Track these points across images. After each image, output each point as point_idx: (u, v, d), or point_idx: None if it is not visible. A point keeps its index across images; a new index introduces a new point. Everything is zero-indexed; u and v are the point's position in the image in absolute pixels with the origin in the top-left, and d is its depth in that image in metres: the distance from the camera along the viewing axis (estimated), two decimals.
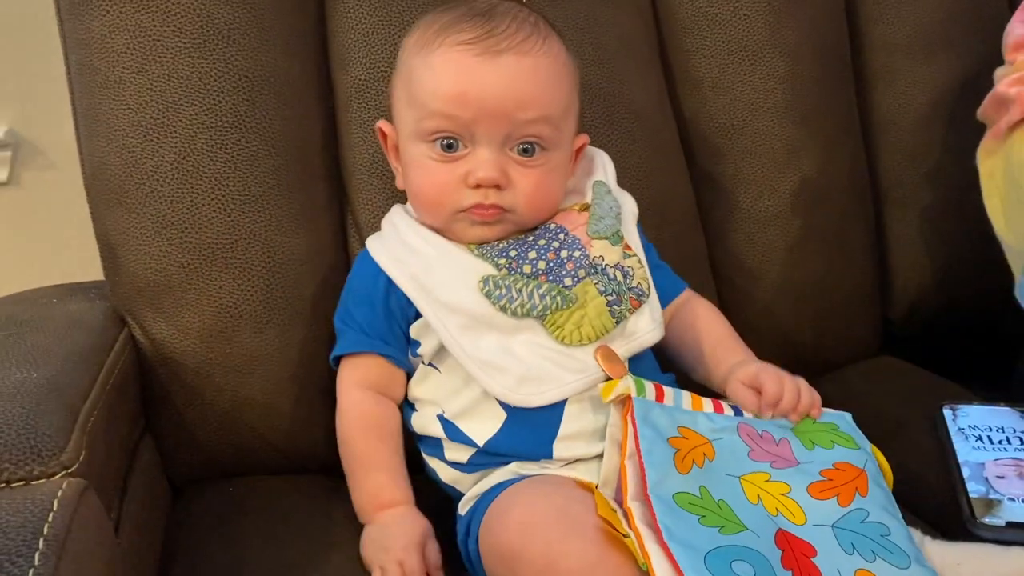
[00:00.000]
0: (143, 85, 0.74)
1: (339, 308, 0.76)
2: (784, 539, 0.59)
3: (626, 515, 0.58)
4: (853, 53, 0.97)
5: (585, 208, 0.74)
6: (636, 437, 0.62)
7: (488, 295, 0.68)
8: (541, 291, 0.68)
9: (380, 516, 0.68)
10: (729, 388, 0.71)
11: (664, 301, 0.77)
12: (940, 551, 0.64)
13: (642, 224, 0.79)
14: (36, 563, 0.45)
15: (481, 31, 0.69)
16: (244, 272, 0.76)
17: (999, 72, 0.84)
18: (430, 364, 0.72)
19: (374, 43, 0.81)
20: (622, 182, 0.80)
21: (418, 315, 0.71)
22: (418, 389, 0.73)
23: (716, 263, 0.92)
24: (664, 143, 0.90)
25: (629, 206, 0.77)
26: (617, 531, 0.57)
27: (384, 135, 0.76)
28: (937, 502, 0.72)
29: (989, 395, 0.84)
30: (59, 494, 0.50)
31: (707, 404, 0.68)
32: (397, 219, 0.75)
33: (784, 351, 0.91)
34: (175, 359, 0.76)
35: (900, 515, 0.63)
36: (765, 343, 0.92)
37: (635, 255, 0.73)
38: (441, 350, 0.70)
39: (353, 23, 0.82)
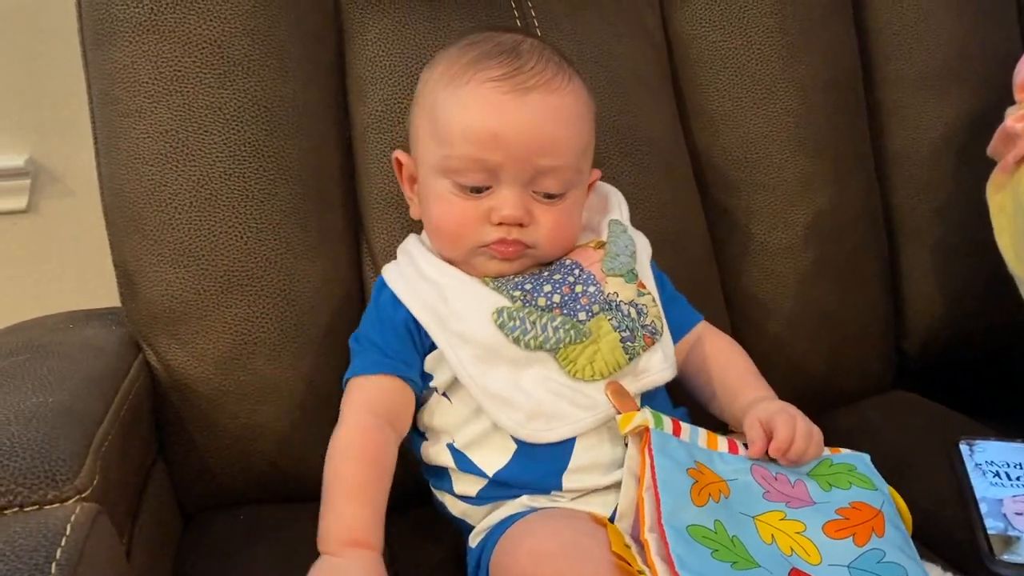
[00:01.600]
0: (163, 114, 0.76)
1: (356, 332, 0.74)
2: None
3: (642, 548, 0.58)
4: (866, 87, 0.98)
5: (601, 246, 0.75)
6: (653, 468, 0.62)
7: (502, 327, 0.68)
8: (555, 324, 0.68)
9: (348, 552, 0.62)
10: (746, 423, 0.70)
11: (680, 333, 0.77)
12: None
13: (657, 256, 0.79)
14: None
15: (510, 68, 0.70)
16: (260, 299, 0.76)
17: (1010, 111, 0.85)
18: (443, 394, 0.71)
19: (392, 76, 0.82)
20: (636, 214, 0.80)
21: (433, 346, 0.71)
22: (429, 418, 0.72)
23: (729, 295, 0.92)
24: (678, 175, 0.90)
25: (643, 245, 0.78)
26: (631, 567, 0.56)
27: (400, 165, 0.77)
28: (955, 539, 0.71)
29: (1004, 430, 0.83)
30: (72, 518, 0.50)
31: (722, 443, 0.68)
32: (412, 248, 0.76)
33: (797, 383, 0.91)
34: (189, 385, 0.76)
35: (917, 557, 0.63)
36: (778, 375, 0.91)
37: (649, 293, 0.73)
38: (455, 382, 0.70)
39: (371, 56, 0.83)
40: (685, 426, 0.67)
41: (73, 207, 1.16)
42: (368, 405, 0.69)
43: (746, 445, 0.69)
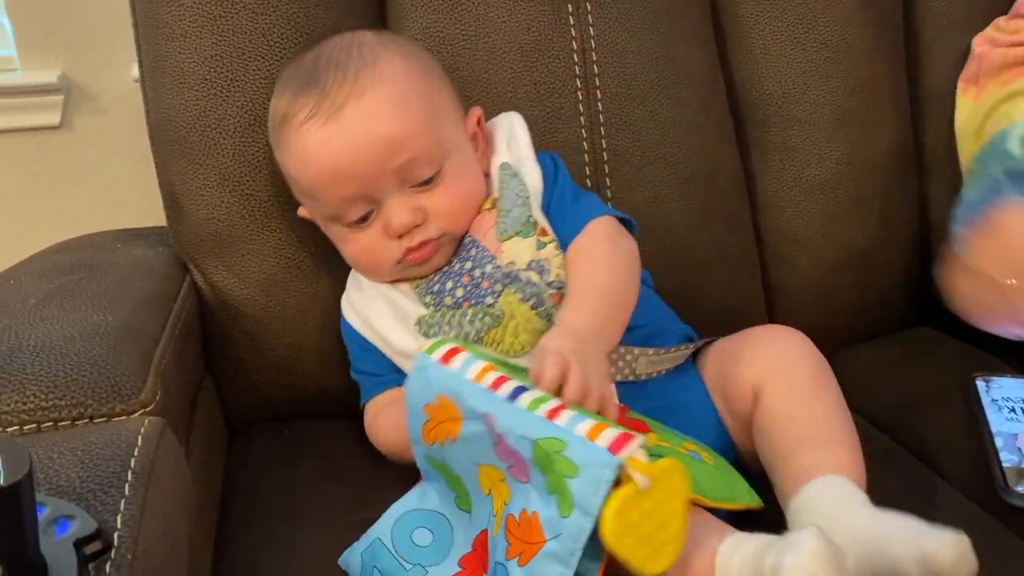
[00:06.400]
0: (208, 39, 0.76)
1: (351, 365, 0.78)
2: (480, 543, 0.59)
3: None
4: (906, 24, 0.97)
5: (493, 204, 0.74)
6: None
7: (426, 335, 0.71)
8: (468, 318, 0.70)
9: None
10: None
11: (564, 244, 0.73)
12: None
13: (690, 189, 0.80)
14: (127, 493, 0.48)
15: (316, 97, 0.68)
16: (301, 224, 0.78)
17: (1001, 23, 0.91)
18: None
19: (431, 3, 0.82)
20: (672, 148, 0.81)
21: None
22: None
23: (760, 230, 0.92)
24: (714, 109, 0.90)
25: (533, 178, 0.74)
26: None
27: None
28: (970, 470, 0.74)
29: (1022, 367, 0.85)
30: (142, 430, 0.54)
31: (488, 379, 0.58)
32: (354, 274, 0.78)
33: (824, 318, 0.93)
34: (235, 306, 0.79)
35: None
36: (806, 310, 0.93)
37: (551, 240, 0.72)
38: None
39: None
40: (461, 356, 0.59)
41: (106, 124, 1.17)
42: (379, 410, 0.75)
43: (515, 388, 0.57)
